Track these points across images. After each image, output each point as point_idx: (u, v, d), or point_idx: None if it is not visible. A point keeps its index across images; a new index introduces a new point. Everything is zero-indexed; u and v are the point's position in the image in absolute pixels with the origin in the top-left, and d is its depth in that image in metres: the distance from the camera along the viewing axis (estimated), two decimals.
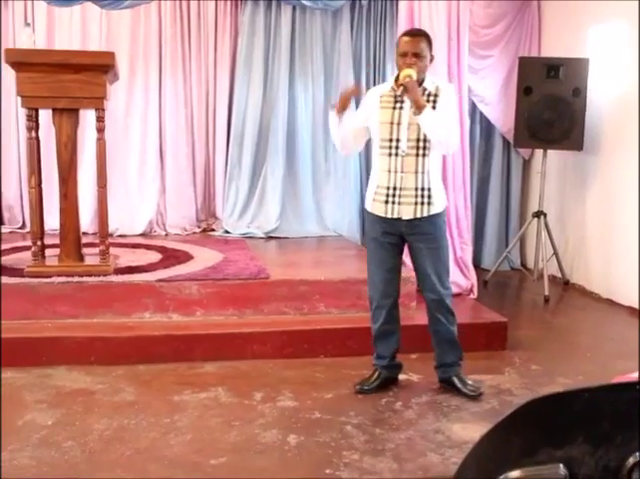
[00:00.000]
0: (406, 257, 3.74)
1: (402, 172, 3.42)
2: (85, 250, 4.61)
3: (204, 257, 5.06)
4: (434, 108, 3.35)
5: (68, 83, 4.25)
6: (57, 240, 4.58)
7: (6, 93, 6.09)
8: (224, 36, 6.44)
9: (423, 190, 3.42)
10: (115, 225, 5.84)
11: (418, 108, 3.27)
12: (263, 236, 6.22)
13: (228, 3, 6.42)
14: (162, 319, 4.24)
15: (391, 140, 3.41)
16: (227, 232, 6.29)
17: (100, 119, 4.38)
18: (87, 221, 5.90)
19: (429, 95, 3.39)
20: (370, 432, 3.16)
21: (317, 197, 6.53)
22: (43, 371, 3.81)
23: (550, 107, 5.63)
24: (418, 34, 3.49)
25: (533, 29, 6.38)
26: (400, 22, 5.10)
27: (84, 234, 4.86)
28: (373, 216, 3.55)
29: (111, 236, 5.00)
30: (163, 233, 6.36)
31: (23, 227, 6.32)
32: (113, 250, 4.79)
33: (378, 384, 3.66)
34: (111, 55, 4.35)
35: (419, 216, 3.43)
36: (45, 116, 4.59)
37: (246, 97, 6.36)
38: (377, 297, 3.61)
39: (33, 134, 4.40)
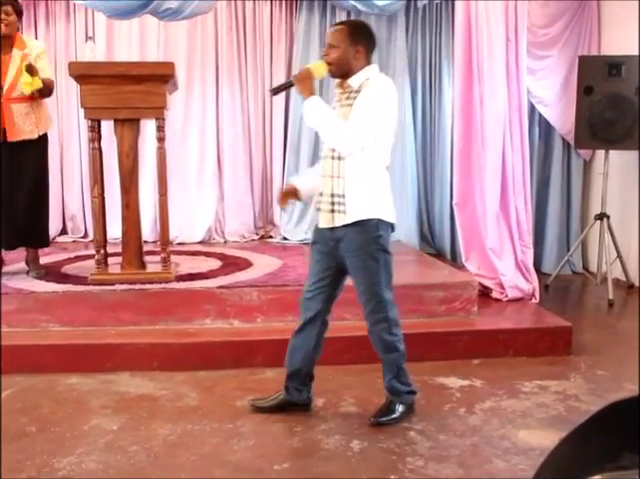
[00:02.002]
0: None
1: (323, 176, 3.18)
2: (146, 258, 4.68)
3: (264, 264, 5.09)
4: (351, 106, 3.04)
5: (129, 94, 4.33)
6: (119, 249, 4.67)
7: (69, 105, 6.24)
8: (280, 43, 6.48)
9: (338, 196, 3.10)
10: (174, 232, 5.92)
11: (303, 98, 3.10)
12: None
13: (283, 10, 6.46)
14: (223, 326, 4.28)
15: (322, 142, 3.24)
16: (285, 238, 6.31)
17: (160, 128, 4.45)
18: (147, 229, 6.00)
19: (350, 91, 3.10)
20: (434, 438, 3.13)
21: None
22: (107, 377, 3.88)
23: (612, 106, 5.51)
24: (336, 24, 3.28)
25: (593, 27, 6.25)
26: (457, 25, 5.07)
27: (144, 242, 4.94)
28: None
29: (170, 243, 5.07)
30: (222, 240, 6.42)
31: (85, 236, 6.46)
32: (173, 258, 4.85)
33: (273, 405, 3.42)
34: (170, 65, 4.41)
35: (331, 225, 3.14)
36: (106, 126, 4.68)
37: (302, 104, 6.35)
38: (301, 303, 3.39)
39: (95, 144, 4.50)
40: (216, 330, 4.24)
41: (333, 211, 3.13)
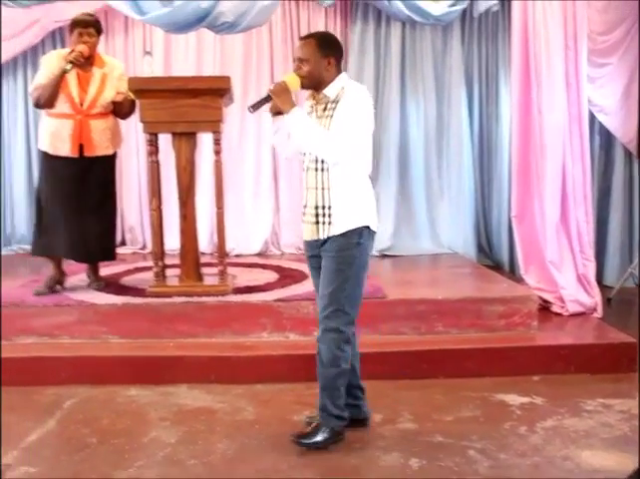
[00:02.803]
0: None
1: (307, 188, 3.16)
2: (203, 270, 4.71)
3: None
4: (332, 117, 3.03)
5: (186, 108, 4.37)
6: (177, 261, 4.73)
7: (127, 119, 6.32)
8: None
9: (323, 208, 3.08)
10: (231, 244, 5.95)
11: (278, 112, 3.06)
12: (377, 254, 6.18)
13: (338, 22, 6.45)
14: (280, 339, 4.28)
15: (304, 154, 3.19)
16: None
17: (217, 141, 4.48)
18: (204, 241, 6.04)
19: (327, 103, 3.07)
20: (494, 457, 3.06)
21: (431, 214, 6.44)
22: (165, 389, 3.91)
23: None
24: (304, 38, 3.20)
25: None
26: (513, 33, 5.00)
27: (201, 253, 4.97)
28: None
29: (227, 255, 5.09)
30: (279, 252, 6.43)
31: (144, 247, 6.55)
32: (230, 270, 4.88)
33: None
34: (227, 79, 4.44)
35: (317, 237, 3.12)
36: (164, 140, 4.74)
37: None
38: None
39: (154, 158, 4.55)
40: (273, 343, 4.24)
41: (317, 222, 3.11)
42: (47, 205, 4.61)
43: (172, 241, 5.07)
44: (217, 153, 4.51)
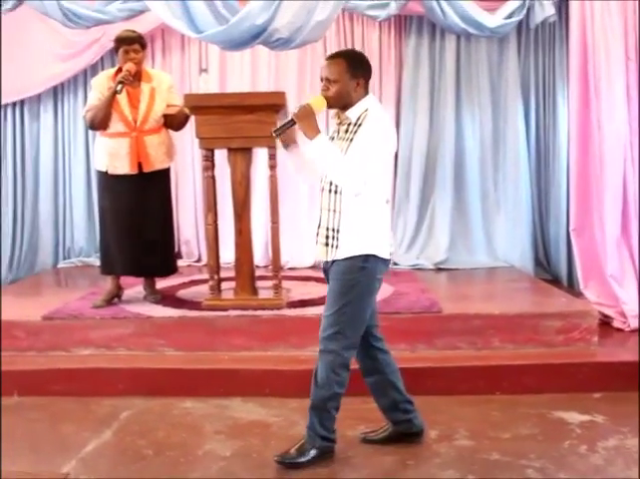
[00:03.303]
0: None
1: (320, 208, 3.14)
2: (258, 284, 4.74)
3: None
4: (351, 140, 2.99)
5: (242, 123, 4.41)
6: (232, 273, 4.75)
7: (183, 134, 6.40)
8: (389, 69, 6.46)
9: (333, 230, 3.05)
10: (285, 257, 5.95)
11: (308, 137, 2.98)
12: (432, 267, 6.14)
13: (392, 36, 6.44)
14: None
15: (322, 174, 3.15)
16: (396, 263, 6.24)
17: (272, 156, 4.51)
18: (259, 254, 6.07)
19: (348, 125, 3.05)
20: (553, 477, 2.99)
21: (487, 227, 6.36)
22: (220, 402, 3.93)
23: None
24: (332, 57, 3.12)
25: None
26: (571, 44, 4.92)
27: (256, 266, 5.00)
28: None
29: (282, 268, 5.10)
30: None
31: (199, 260, 6.61)
32: (284, 283, 4.88)
33: (384, 437, 3.38)
34: (282, 95, 4.48)
35: (327, 259, 3.11)
36: (219, 154, 4.78)
37: (412, 129, 6.34)
38: None
39: (209, 173, 4.60)
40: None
41: (327, 244, 3.09)
42: (109, 224, 4.71)
43: (228, 254, 5.10)
44: (272, 167, 4.53)
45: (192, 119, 4.59)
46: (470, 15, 5.37)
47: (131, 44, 4.59)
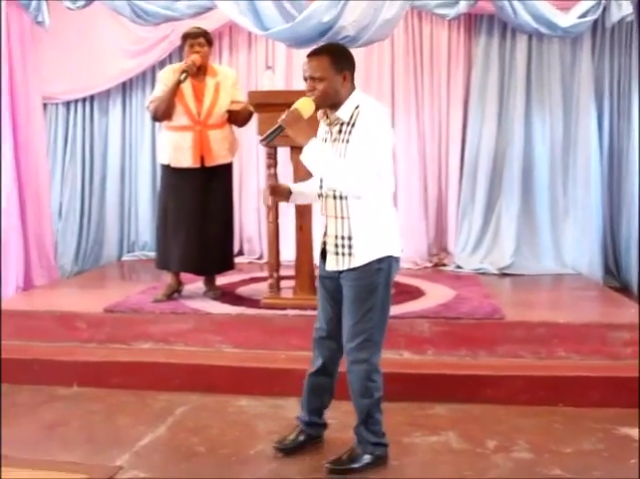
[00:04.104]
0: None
1: (326, 216, 2.99)
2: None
3: (436, 294, 4.96)
4: (347, 141, 2.84)
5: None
6: (292, 271, 4.71)
7: (248, 131, 6.40)
8: (457, 69, 6.36)
9: (343, 238, 2.92)
10: None
11: (299, 146, 2.83)
12: (496, 272, 5.99)
13: (462, 35, 6.33)
14: (394, 357, 4.16)
15: (320, 179, 2.98)
16: (459, 267, 6.14)
17: None
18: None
19: (342, 125, 2.89)
20: None
21: (555, 233, 6.18)
22: (275, 401, 3.89)
23: None
24: (314, 53, 2.92)
25: None
26: None
27: (317, 266, 4.94)
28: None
29: None
30: None
31: (261, 257, 6.60)
32: None
33: (299, 443, 3.28)
34: None
35: (339, 268, 2.96)
36: (282, 151, 4.75)
37: (480, 130, 6.21)
38: (316, 343, 3.22)
39: (272, 170, 4.58)
40: (386, 361, 4.05)
41: (337, 253, 2.96)
42: (169, 218, 4.73)
43: (289, 252, 5.07)
44: None
45: (256, 115, 4.57)
46: (542, 14, 5.21)
47: (196, 38, 4.65)
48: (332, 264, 2.99)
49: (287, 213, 5.00)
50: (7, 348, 4.35)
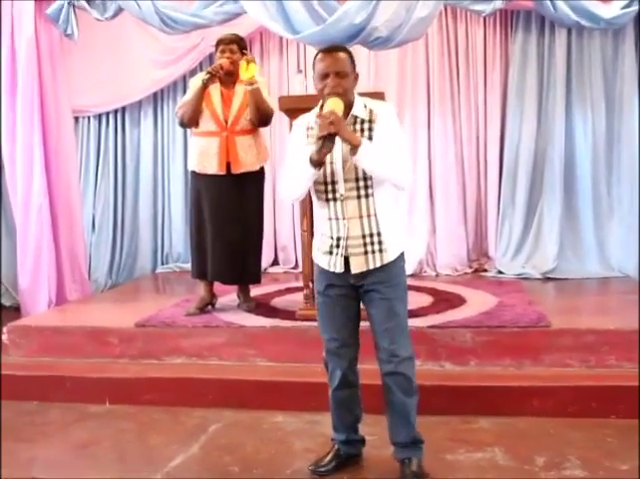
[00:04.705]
0: None
1: (343, 218, 2.84)
2: None
3: (478, 301, 4.77)
4: (370, 138, 2.78)
5: None
6: None
7: (282, 138, 6.28)
8: (494, 67, 6.18)
9: (372, 236, 2.84)
10: None
11: (352, 147, 2.70)
12: (540, 276, 5.78)
13: (498, 33, 6.16)
14: (434, 368, 4.01)
15: (326, 183, 2.83)
16: (500, 272, 5.94)
17: None
18: None
19: (362, 122, 2.82)
20: None
21: (599, 234, 5.95)
22: (312, 417, 3.74)
23: None
24: (336, 49, 2.87)
25: None
26: None
27: None
28: (317, 267, 3.01)
29: None
30: (434, 273, 6.17)
31: (296, 266, 6.48)
32: None
33: (336, 464, 3.13)
34: (380, 95, 4.23)
35: (371, 267, 2.86)
36: None
37: (519, 130, 6.02)
38: (330, 357, 3.07)
39: None
40: (427, 373, 3.94)
41: (367, 252, 2.86)
42: (197, 225, 4.63)
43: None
44: None
45: (287, 121, 4.44)
46: (582, 6, 5.00)
47: (229, 44, 4.55)
48: (360, 265, 2.87)
49: None
50: (38, 365, 4.32)
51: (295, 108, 4.31)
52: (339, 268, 2.89)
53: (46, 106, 5.47)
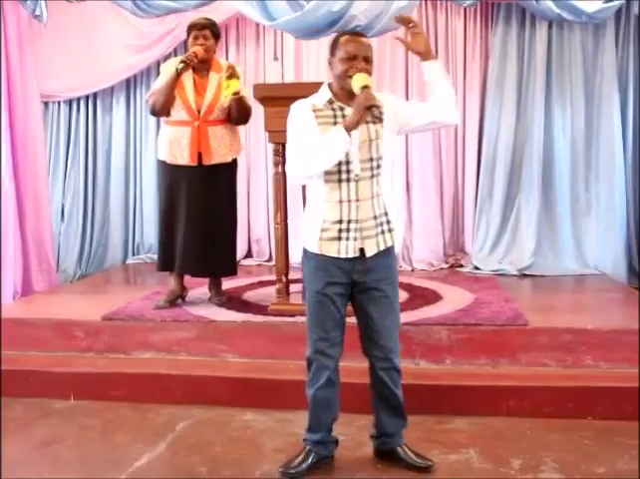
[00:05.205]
0: None
1: (357, 200, 2.81)
2: None
3: (454, 298, 4.69)
4: (382, 121, 2.86)
5: None
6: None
7: (256, 127, 6.16)
8: (474, 60, 6.09)
9: (380, 216, 2.87)
10: None
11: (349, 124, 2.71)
12: (516, 273, 5.71)
13: (478, 25, 6.06)
14: (409, 366, 3.87)
15: (339, 163, 2.78)
16: (477, 268, 5.86)
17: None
18: None
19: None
20: None
21: (576, 231, 5.89)
22: (284, 416, 3.64)
23: None
24: (362, 35, 2.93)
25: None
26: None
27: None
28: (320, 258, 2.87)
29: None
30: (409, 268, 6.08)
31: (270, 259, 6.36)
32: None
33: (307, 466, 3.03)
34: None
35: (382, 248, 2.87)
36: None
37: (498, 124, 5.94)
38: (319, 356, 3.00)
39: (279, 169, 4.32)
40: (402, 371, 3.89)
41: (378, 234, 2.87)
42: (165, 216, 4.50)
43: (298, 255, 4.81)
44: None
45: (262, 110, 4.32)
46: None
47: (201, 29, 4.41)
48: (373, 248, 2.85)
49: (297, 212, 4.75)
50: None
51: (270, 96, 4.22)
52: (352, 253, 2.82)
53: (12, 90, 5.28)
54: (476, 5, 5.40)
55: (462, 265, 6.07)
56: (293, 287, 4.52)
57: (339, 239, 2.83)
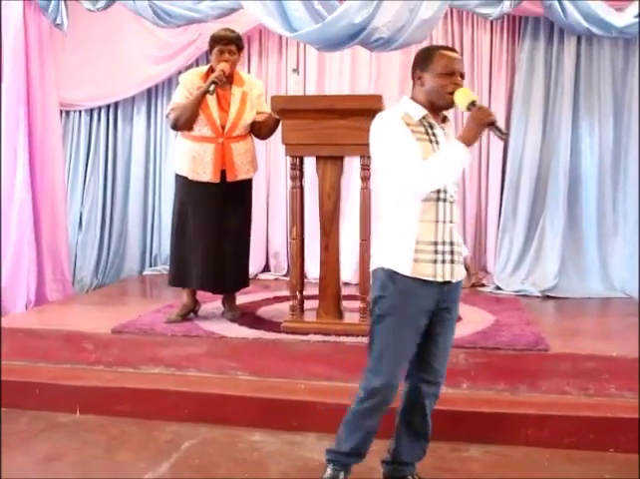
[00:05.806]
0: None
1: (451, 221, 2.68)
2: (345, 304, 4.36)
3: (474, 319, 4.54)
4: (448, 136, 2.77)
5: (333, 129, 4.04)
6: (318, 291, 4.35)
7: (276, 141, 6.05)
8: (500, 75, 6.00)
9: (458, 245, 2.72)
10: None
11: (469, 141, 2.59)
12: (539, 294, 5.56)
13: (505, 39, 5.97)
14: None
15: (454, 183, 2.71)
16: (499, 288, 5.72)
17: (365, 167, 4.08)
18: (350, 270, 5.69)
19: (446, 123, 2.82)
20: None
21: (602, 252, 5.74)
22: (292, 437, 3.53)
23: None
24: (454, 50, 2.82)
25: None
26: None
27: (346, 284, 4.60)
28: (408, 280, 2.64)
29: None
30: None
31: (287, 274, 6.25)
32: None
33: None
34: (377, 98, 4.04)
35: (463, 275, 2.78)
36: (310, 163, 4.41)
37: (523, 141, 5.81)
38: (390, 390, 2.76)
39: (296, 183, 4.24)
40: None
41: (459, 261, 2.74)
42: (184, 232, 4.41)
43: (315, 270, 4.73)
44: (365, 179, 4.10)
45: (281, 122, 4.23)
46: (595, 13, 4.80)
47: (227, 44, 4.29)
48: (462, 272, 2.77)
49: (315, 228, 4.65)
50: (8, 369, 4.07)
51: (288, 109, 4.13)
52: (448, 276, 2.66)
53: (32, 98, 5.24)
54: (502, 19, 5.27)
55: (483, 285, 5.92)
56: (308, 304, 4.43)
57: (434, 261, 2.65)
